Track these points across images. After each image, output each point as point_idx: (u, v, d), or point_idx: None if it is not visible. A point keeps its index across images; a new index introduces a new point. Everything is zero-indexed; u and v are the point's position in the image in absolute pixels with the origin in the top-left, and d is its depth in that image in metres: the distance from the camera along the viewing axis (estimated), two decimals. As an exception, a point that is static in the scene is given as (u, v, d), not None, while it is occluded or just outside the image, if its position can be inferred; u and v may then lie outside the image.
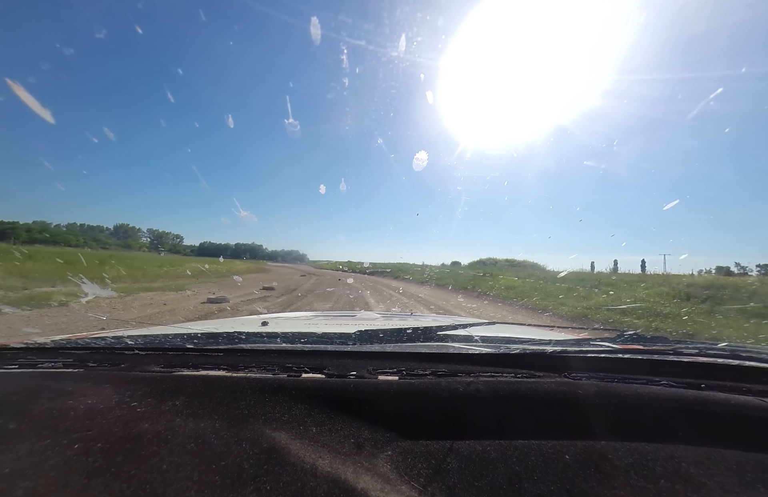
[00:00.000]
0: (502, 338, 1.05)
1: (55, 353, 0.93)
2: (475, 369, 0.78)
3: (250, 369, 0.81)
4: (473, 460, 0.55)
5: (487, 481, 0.51)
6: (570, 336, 1.23)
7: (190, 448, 0.56)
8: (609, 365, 0.80)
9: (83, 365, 0.85)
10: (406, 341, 0.94)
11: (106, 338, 1.04)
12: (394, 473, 0.53)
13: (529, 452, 0.56)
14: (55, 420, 0.62)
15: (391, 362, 0.82)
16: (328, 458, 0.55)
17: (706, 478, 0.51)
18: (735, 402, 0.65)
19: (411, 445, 0.58)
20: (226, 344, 0.95)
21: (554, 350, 0.84)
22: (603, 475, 0.52)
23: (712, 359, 0.79)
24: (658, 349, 0.87)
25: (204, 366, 0.83)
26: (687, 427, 0.61)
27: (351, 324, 1.41)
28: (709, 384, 0.73)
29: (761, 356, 0.79)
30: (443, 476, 0.52)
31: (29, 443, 0.57)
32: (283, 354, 0.87)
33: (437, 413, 0.65)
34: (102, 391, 0.71)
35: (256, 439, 0.58)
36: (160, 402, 0.67)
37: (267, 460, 0.54)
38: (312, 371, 0.79)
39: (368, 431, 0.61)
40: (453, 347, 0.90)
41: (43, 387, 0.73)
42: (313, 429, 0.61)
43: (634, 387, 0.70)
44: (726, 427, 0.61)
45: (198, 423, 0.62)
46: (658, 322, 7.33)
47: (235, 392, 0.70)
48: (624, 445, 0.57)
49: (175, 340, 1.02)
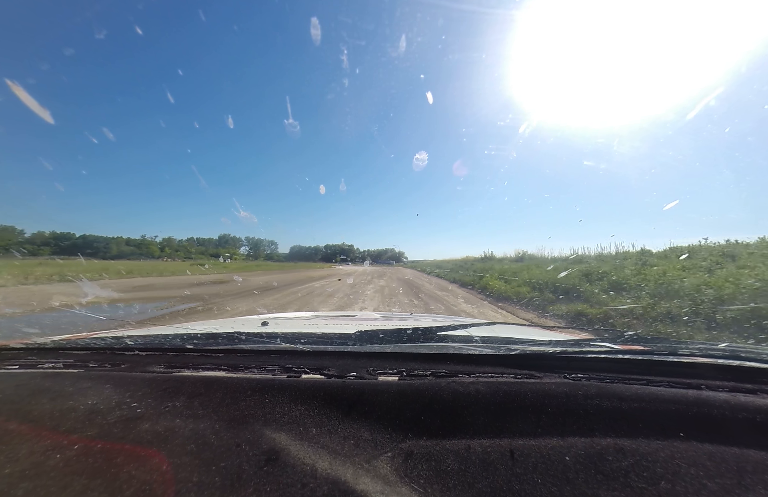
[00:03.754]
0: (502, 339, 1.05)
1: (56, 353, 0.93)
2: (475, 370, 0.78)
3: (250, 370, 0.81)
4: (473, 461, 0.55)
5: (487, 483, 0.51)
6: (570, 337, 1.23)
7: (190, 449, 0.56)
8: (609, 366, 0.80)
9: (83, 366, 0.85)
10: (406, 342, 0.94)
11: (106, 338, 1.04)
12: (394, 474, 0.53)
13: (529, 453, 0.56)
14: (55, 420, 0.63)
15: (391, 363, 0.82)
16: (327, 459, 0.55)
17: (707, 479, 0.51)
18: (735, 403, 0.64)
19: (411, 446, 0.58)
20: (226, 345, 0.95)
21: (554, 351, 0.84)
22: (603, 476, 0.52)
23: (712, 359, 0.79)
24: (658, 350, 0.87)
25: (204, 367, 0.83)
26: (687, 428, 0.61)
27: (351, 325, 1.41)
28: (709, 384, 0.73)
29: (761, 357, 0.79)
30: (443, 477, 0.52)
31: (29, 443, 0.57)
32: (283, 355, 0.87)
33: (437, 414, 0.64)
34: (102, 392, 0.71)
35: (256, 440, 0.58)
36: (160, 403, 0.67)
37: (267, 461, 0.54)
38: (312, 371, 0.79)
39: (368, 432, 0.61)
40: (453, 347, 0.90)
41: (44, 387, 0.73)
42: (313, 430, 0.61)
43: (634, 387, 0.69)
44: (726, 428, 0.61)
45: (198, 424, 0.62)
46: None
47: (235, 393, 0.70)
48: (624, 446, 0.57)
49: (175, 340, 1.02)
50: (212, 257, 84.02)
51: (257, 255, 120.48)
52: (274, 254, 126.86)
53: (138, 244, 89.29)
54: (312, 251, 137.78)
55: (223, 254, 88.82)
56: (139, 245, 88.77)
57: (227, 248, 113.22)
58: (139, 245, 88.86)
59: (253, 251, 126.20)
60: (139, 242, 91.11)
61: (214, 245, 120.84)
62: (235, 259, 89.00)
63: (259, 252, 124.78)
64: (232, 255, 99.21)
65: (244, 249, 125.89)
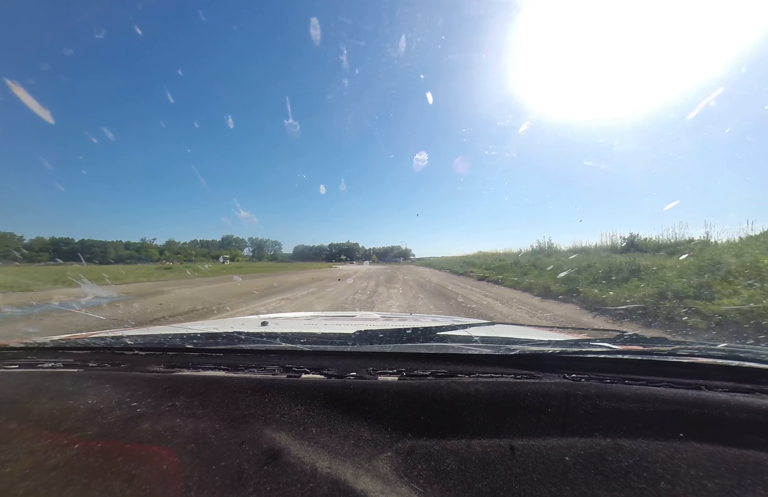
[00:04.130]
0: (501, 339, 1.05)
1: (55, 353, 0.93)
2: (475, 370, 0.78)
3: (249, 370, 0.81)
4: (473, 461, 0.55)
5: (487, 483, 0.51)
6: (569, 337, 1.23)
7: (190, 449, 0.56)
8: (608, 366, 0.80)
9: (83, 365, 0.85)
10: (405, 342, 0.94)
11: (106, 338, 1.04)
12: (394, 474, 0.53)
13: (529, 453, 0.56)
14: (55, 420, 0.63)
15: (391, 363, 0.82)
16: (327, 459, 0.55)
17: (706, 480, 0.51)
18: (735, 403, 0.65)
19: (411, 446, 0.58)
20: (225, 345, 0.95)
21: (554, 351, 0.84)
22: (603, 476, 0.52)
23: (712, 360, 0.79)
24: (658, 350, 0.87)
25: (204, 367, 0.83)
26: (687, 428, 0.61)
27: (351, 325, 1.40)
28: (709, 384, 0.73)
29: (760, 357, 0.79)
30: (443, 477, 0.52)
31: (29, 443, 0.57)
32: (282, 355, 0.87)
33: (437, 414, 0.65)
34: (102, 391, 0.71)
35: (255, 440, 0.58)
36: (160, 403, 0.67)
37: (267, 461, 0.54)
38: (312, 371, 0.79)
39: (368, 432, 0.61)
40: (453, 347, 0.90)
41: (44, 386, 0.73)
42: (313, 430, 0.61)
43: (633, 388, 0.69)
44: (726, 428, 0.61)
45: (198, 424, 0.62)
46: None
47: (234, 392, 0.70)
48: (624, 446, 0.57)
49: (175, 340, 1.02)
50: (213, 259, 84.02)
51: (261, 256, 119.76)
52: (277, 254, 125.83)
53: (138, 248, 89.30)
54: (316, 251, 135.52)
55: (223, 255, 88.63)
56: (138, 248, 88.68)
57: (229, 250, 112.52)
58: (139, 248, 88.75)
59: (257, 252, 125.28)
60: (138, 245, 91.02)
61: (217, 246, 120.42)
62: (238, 260, 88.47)
63: (262, 253, 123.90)
64: (234, 257, 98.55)
65: (248, 250, 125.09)
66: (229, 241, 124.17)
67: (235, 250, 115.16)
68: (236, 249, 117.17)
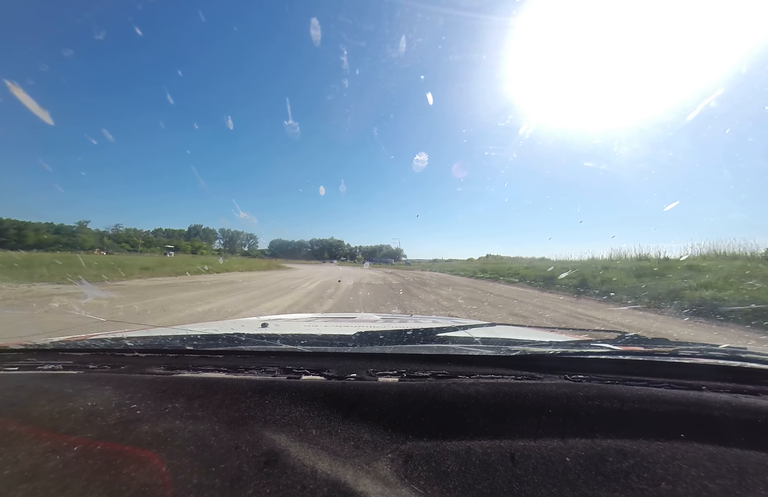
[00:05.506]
0: (502, 340, 1.05)
1: (55, 355, 0.93)
2: (476, 371, 0.78)
3: (249, 371, 0.81)
4: (473, 463, 0.54)
5: (488, 484, 0.51)
6: (570, 338, 1.23)
7: (190, 451, 0.56)
8: (609, 367, 0.80)
9: (83, 367, 0.85)
10: (406, 343, 0.93)
11: (106, 339, 1.04)
12: (394, 475, 0.53)
13: (530, 454, 0.56)
14: (54, 422, 0.62)
15: (391, 364, 0.82)
16: (327, 460, 0.55)
17: (708, 480, 0.51)
18: (736, 404, 0.64)
19: (411, 447, 0.58)
20: (225, 346, 0.94)
21: (555, 352, 0.84)
22: (604, 477, 0.52)
23: (713, 360, 0.79)
24: (659, 351, 0.87)
25: (204, 368, 0.82)
26: (688, 429, 0.60)
27: (351, 326, 1.40)
28: (710, 385, 0.73)
29: (762, 358, 0.79)
30: (443, 479, 0.52)
31: (29, 445, 0.57)
32: (282, 356, 0.87)
33: (437, 415, 0.64)
34: (102, 393, 0.71)
35: (255, 441, 0.58)
36: (159, 404, 0.67)
37: (267, 463, 0.53)
38: (312, 373, 0.79)
39: (368, 433, 0.61)
40: (453, 348, 0.89)
41: (43, 388, 0.73)
42: (313, 432, 0.61)
43: (634, 388, 0.69)
44: (727, 429, 0.61)
45: (198, 426, 0.61)
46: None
47: (234, 394, 0.70)
48: (625, 447, 0.57)
49: (175, 342, 1.02)
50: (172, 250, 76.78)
51: (234, 250, 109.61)
52: (252, 249, 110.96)
53: (73, 232, 76.24)
54: (296, 246, 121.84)
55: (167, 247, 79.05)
56: (74, 233, 75.62)
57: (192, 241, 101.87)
58: (74, 233, 75.64)
59: (229, 245, 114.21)
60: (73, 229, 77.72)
61: (184, 237, 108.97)
62: (202, 253, 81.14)
63: (235, 247, 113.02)
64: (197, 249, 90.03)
65: (219, 243, 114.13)
66: (196, 231, 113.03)
67: (199, 241, 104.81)
68: (200, 241, 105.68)
